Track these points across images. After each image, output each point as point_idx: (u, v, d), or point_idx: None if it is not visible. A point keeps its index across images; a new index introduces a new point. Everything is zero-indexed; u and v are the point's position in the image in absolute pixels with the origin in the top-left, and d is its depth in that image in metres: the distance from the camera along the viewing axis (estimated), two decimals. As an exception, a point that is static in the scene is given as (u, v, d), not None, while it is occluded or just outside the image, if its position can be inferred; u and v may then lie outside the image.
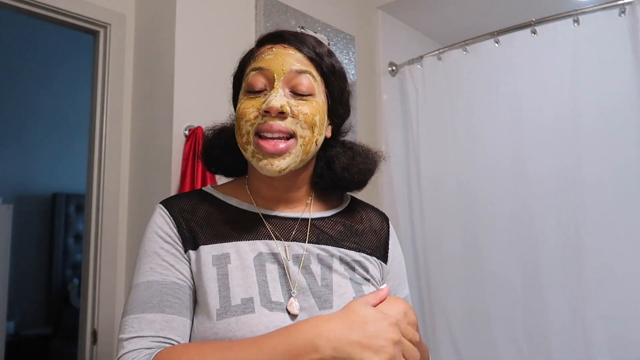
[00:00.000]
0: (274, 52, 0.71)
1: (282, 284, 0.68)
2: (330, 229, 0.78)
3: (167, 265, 0.68)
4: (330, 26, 2.08)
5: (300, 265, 0.71)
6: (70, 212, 3.92)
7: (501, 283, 1.83)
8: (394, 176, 2.19)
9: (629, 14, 1.59)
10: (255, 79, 0.70)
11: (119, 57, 1.68)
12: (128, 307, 0.66)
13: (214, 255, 0.69)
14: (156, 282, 0.67)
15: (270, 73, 0.69)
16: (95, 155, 1.65)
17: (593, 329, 1.59)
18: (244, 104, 0.71)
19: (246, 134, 0.69)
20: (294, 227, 0.75)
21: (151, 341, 0.62)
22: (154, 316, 0.64)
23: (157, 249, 0.69)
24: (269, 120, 0.67)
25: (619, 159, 1.60)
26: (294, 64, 0.70)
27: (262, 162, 0.68)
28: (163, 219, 0.72)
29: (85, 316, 1.59)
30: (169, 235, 0.70)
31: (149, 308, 0.65)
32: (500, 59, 1.90)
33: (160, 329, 0.63)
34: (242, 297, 0.65)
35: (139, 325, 0.63)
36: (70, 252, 3.91)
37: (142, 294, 0.66)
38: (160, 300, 0.65)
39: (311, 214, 0.78)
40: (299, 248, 0.73)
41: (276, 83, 0.69)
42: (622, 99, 1.61)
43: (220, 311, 0.64)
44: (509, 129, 1.86)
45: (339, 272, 0.73)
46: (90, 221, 1.63)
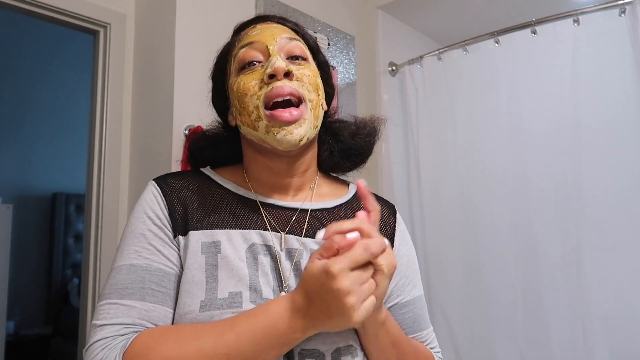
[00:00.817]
0: (259, 28, 0.70)
1: (274, 278, 0.64)
2: (331, 221, 0.71)
3: (153, 250, 0.63)
4: (330, 26, 2.08)
5: (292, 262, 0.66)
6: (70, 212, 3.92)
7: (501, 283, 1.83)
8: (394, 176, 2.19)
9: (629, 14, 1.59)
10: (247, 53, 0.68)
11: (119, 57, 1.68)
12: (106, 291, 0.61)
13: (203, 242, 0.64)
14: (140, 266, 0.62)
15: (262, 44, 0.67)
16: (95, 155, 1.65)
17: (593, 329, 1.59)
18: (242, 80, 0.66)
19: (255, 109, 0.65)
20: (292, 217, 0.70)
21: (126, 327, 0.58)
22: (133, 303, 0.60)
23: (145, 230, 0.64)
24: (275, 84, 0.64)
25: (619, 158, 1.60)
26: (283, 33, 0.69)
27: (281, 134, 0.63)
28: (154, 199, 0.67)
29: (85, 316, 1.59)
30: (159, 218, 0.65)
31: (128, 294, 0.60)
32: (500, 59, 1.90)
33: (138, 317, 0.59)
34: (230, 291, 0.61)
35: (115, 312, 0.59)
36: (70, 252, 3.91)
37: (123, 278, 0.61)
38: (142, 287, 0.61)
39: (312, 204, 0.73)
40: (294, 241, 0.67)
41: (271, 50, 0.66)
42: (622, 99, 1.61)
43: (205, 303, 0.60)
44: (508, 129, 1.86)
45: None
46: (90, 221, 1.63)
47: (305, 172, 0.73)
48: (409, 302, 0.74)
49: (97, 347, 0.57)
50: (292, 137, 0.63)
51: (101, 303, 0.61)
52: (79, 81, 3.84)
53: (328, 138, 0.77)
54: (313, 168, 0.75)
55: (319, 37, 2.00)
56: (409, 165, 2.20)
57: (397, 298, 0.73)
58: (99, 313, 0.60)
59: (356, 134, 0.77)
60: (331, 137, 0.77)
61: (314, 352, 0.61)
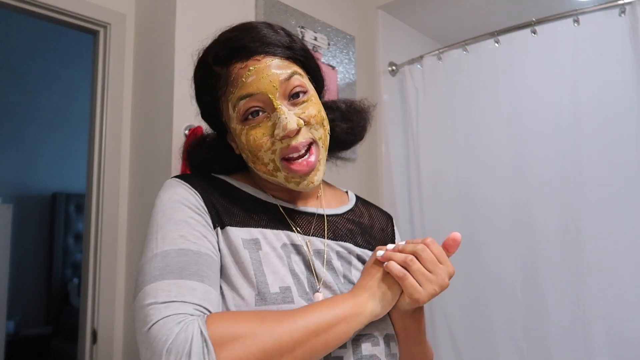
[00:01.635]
0: (254, 71, 0.66)
1: (307, 277, 0.68)
2: (343, 226, 0.78)
3: (199, 235, 0.63)
4: (330, 26, 2.08)
5: (323, 261, 0.71)
6: (70, 212, 3.92)
7: (501, 283, 1.83)
8: (394, 176, 2.19)
9: (629, 14, 1.59)
10: (249, 104, 0.66)
11: (119, 57, 1.68)
12: (156, 273, 0.58)
13: (243, 239, 0.66)
14: (191, 250, 0.61)
15: (264, 95, 0.65)
16: (95, 155, 1.65)
17: (593, 329, 1.59)
18: (251, 135, 0.67)
19: (270, 162, 0.67)
20: (312, 222, 0.74)
21: (194, 309, 0.56)
22: (193, 284, 0.58)
23: (187, 218, 0.64)
24: (290, 142, 0.66)
25: (619, 158, 1.60)
26: (278, 74, 0.66)
27: (303, 184, 0.68)
28: (187, 192, 0.67)
29: (85, 316, 1.59)
30: (197, 208, 0.65)
31: (187, 275, 0.58)
32: (500, 59, 1.90)
33: (202, 298, 0.57)
34: (280, 286, 0.63)
35: (178, 291, 0.56)
36: (70, 252, 3.91)
37: (174, 261, 0.59)
38: (197, 269, 0.59)
39: (325, 210, 0.78)
40: (319, 243, 0.72)
41: (275, 103, 0.65)
42: (622, 99, 1.61)
43: (259, 297, 0.61)
44: (509, 129, 1.86)
45: (357, 268, 0.73)
46: (90, 221, 1.63)
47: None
48: None
49: (170, 322, 0.54)
50: (314, 184, 0.68)
51: (155, 284, 0.57)
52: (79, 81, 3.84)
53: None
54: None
55: (319, 37, 2.00)
56: (409, 165, 2.20)
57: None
58: (157, 291, 0.56)
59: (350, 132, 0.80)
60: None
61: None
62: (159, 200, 0.67)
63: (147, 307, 0.55)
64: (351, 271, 0.73)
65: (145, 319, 0.55)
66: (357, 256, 0.75)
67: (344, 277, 0.71)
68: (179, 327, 0.53)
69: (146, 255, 0.62)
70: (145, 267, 0.60)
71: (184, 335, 0.52)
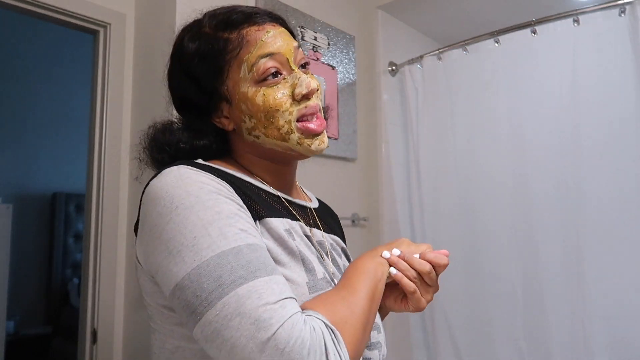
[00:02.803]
0: (273, 34, 0.67)
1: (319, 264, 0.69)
2: (325, 219, 0.82)
3: (253, 229, 0.58)
4: (330, 26, 2.08)
5: (326, 251, 0.74)
6: (70, 212, 3.91)
7: (501, 283, 1.83)
8: (394, 176, 2.19)
9: (629, 14, 1.59)
10: (268, 65, 0.66)
11: (119, 57, 1.68)
12: (242, 273, 0.50)
13: (284, 229, 0.65)
14: (258, 245, 0.55)
15: (282, 56, 0.67)
16: (95, 155, 1.65)
17: (593, 329, 1.59)
18: (270, 95, 0.65)
19: (286, 124, 0.66)
20: (307, 213, 0.76)
21: (297, 302, 0.54)
22: (280, 278, 0.54)
23: (236, 210, 0.57)
24: (308, 102, 0.68)
25: (619, 158, 1.60)
26: (291, 40, 0.69)
27: (315, 143, 0.68)
28: (217, 182, 0.59)
29: (85, 316, 1.59)
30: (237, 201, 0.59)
31: (271, 270, 0.53)
32: (500, 59, 1.90)
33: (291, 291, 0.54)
34: (322, 271, 0.67)
35: (278, 287, 0.51)
36: (70, 252, 3.91)
37: (252, 257, 0.53)
38: (271, 263, 0.55)
39: (308, 203, 0.80)
40: (319, 234, 0.75)
41: (292, 65, 0.68)
42: (622, 99, 1.61)
43: (311, 284, 0.63)
44: (508, 129, 1.86)
45: (344, 261, 0.78)
46: (90, 221, 1.63)
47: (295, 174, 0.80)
48: None
49: (297, 322, 0.49)
50: (324, 144, 0.70)
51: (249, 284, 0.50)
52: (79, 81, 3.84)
53: None
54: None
55: (319, 37, 2.00)
56: (409, 165, 2.20)
57: None
58: (256, 294, 0.49)
59: None
60: None
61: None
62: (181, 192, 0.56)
63: (258, 311, 0.48)
64: (342, 261, 0.77)
65: (260, 324, 0.47)
66: (342, 248, 0.80)
67: (343, 267, 0.75)
68: (308, 326, 0.50)
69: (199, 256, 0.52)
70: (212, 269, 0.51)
71: (316, 334, 0.50)
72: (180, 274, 0.52)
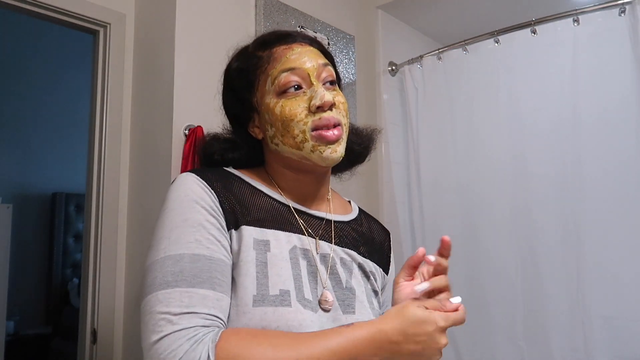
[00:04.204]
0: (297, 52, 0.73)
1: (311, 281, 0.69)
2: (349, 233, 0.80)
3: (213, 240, 0.64)
4: (330, 26, 2.08)
5: (327, 266, 0.72)
6: (70, 212, 3.91)
7: (501, 283, 1.83)
8: (394, 176, 2.19)
9: (629, 14, 1.59)
10: (289, 78, 0.71)
11: (119, 57, 1.68)
12: (169, 279, 0.59)
13: (255, 239, 0.67)
14: (204, 256, 0.62)
15: (303, 71, 0.71)
16: (95, 155, 1.65)
17: (593, 329, 1.59)
18: (287, 105, 0.71)
19: (300, 133, 0.70)
20: (321, 225, 0.77)
21: (205, 319, 0.58)
22: (205, 292, 0.59)
23: (202, 220, 0.64)
24: (323, 114, 0.70)
25: (618, 158, 1.60)
26: (318, 58, 0.73)
27: (327, 152, 0.70)
28: (202, 190, 0.67)
29: (85, 316, 1.59)
30: (213, 209, 0.66)
31: (199, 283, 0.59)
32: (500, 59, 1.90)
33: (212, 306, 0.59)
34: (280, 288, 0.64)
35: (189, 300, 0.58)
36: (70, 252, 3.91)
37: (188, 267, 0.60)
38: (210, 276, 0.60)
39: (333, 215, 0.80)
40: (326, 247, 0.74)
41: (313, 79, 0.71)
42: (622, 99, 1.61)
43: (257, 298, 0.62)
44: (508, 129, 1.86)
45: (357, 279, 0.75)
46: (90, 221, 1.63)
47: (325, 185, 0.81)
48: None
49: (181, 337, 0.55)
50: (336, 154, 0.71)
51: (167, 290, 0.58)
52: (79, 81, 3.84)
53: None
54: (328, 177, 0.83)
55: (319, 37, 2.00)
56: (409, 165, 2.20)
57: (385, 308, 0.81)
58: (167, 301, 0.57)
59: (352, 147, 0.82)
60: None
61: None
62: (174, 195, 0.67)
63: (159, 316, 0.56)
64: (352, 280, 0.74)
65: (155, 328, 0.56)
66: (358, 265, 0.77)
67: (346, 283, 0.72)
68: (189, 345, 0.54)
69: (157, 254, 0.62)
70: (157, 268, 0.60)
71: (192, 356, 0.53)
72: (146, 262, 0.64)
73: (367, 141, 0.86)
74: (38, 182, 3.80)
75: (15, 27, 3.59)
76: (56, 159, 3.89)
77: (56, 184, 3.87)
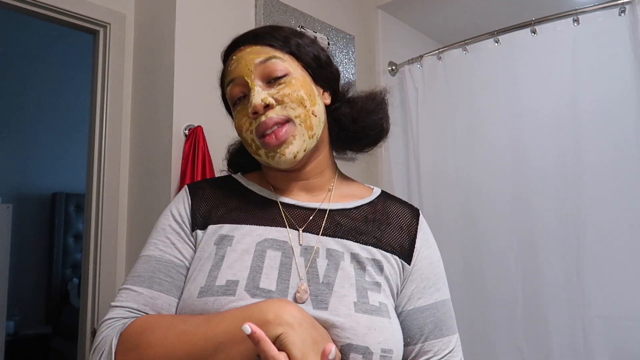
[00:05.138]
0: (235, 59, 0.73)
1: (281, 272, 0.66)
2: (349, 221, 0.73)
3: (168, 243, 0.70)
4: (330, 26, 2.08)
5: (308, 258, 0.68)
6: (70, 212, 3.91)
7: (501, 283, 1.83)
8: (394, 176, 2.19)
9: (629, 14, 1.59)
10: (233, 91, 0.72)
11: (119, 57, 1.68)
12: (126, 278, 0.70)
13: (219, 235, 0.70)
14: (154, 257, 0.70)
15: (241, 79, 0.71)
16: (95, 155, 1.65)
17: (593, 329, 1.59)
18: (236, 118, 0.73)
19: (252, 142, 0.71)
20: (310, 217, 0.73)
21: (130, 311, 0.65)
22: (141, 289, 0.67)
23: (165, 225, 0.72)
24: (260, 119, 0.69)
25: (618, 157, 1.60)
26: (256, 57, 0.71)
27: (276, 157, 0.69)
28: (182, 199, 0.75)
29: (85, 316, 1.59)
30: (180, 215, 0.73)
31: (139, 282, 0.68)
32: (500, 59, 1.90)
33: (143, 303, 0.66)
34: (228, 279, 0.64)
35: (125, 297, 0.67)
36: (70, 252, 3.90)
37: (139, 267, 0.69)
38: (151, 276, 0.68)
39: (331, 204, 0.75)
40: (312, 239, 0.70)
41: (250, 84, 0.70)
42: (622, 99, 1.61)
43: (204, 289, 0.64)
44: (508, 129, 1.86)
45: (345, 271, 0.67)
46: (90, 221, 1.63)
47: (322, 173, 0.78)
48: (430, 305, 0.73)
49: (104, 326, 0.64)
50: (285, 157, 0.69)
51: (120, 288, 0.68)
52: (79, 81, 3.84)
53: (334, 128, 0.79)
54: (330, 168, 0.80)
55: (319, 37, 2.00)
56: (409, 165, 2.20)
57: (418, 301, 0.72)
58: (116, 297, 0.68)
59: (357, 118, 0.77)
60: (336, 126, 0.79)
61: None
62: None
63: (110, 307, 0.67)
64: (336, 273, 0.67)
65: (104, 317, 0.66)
66: (350, 255, 0.69)
67: (324, 278, 0.66)
68: (108, 331, 0.63)
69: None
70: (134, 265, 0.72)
71: (103, 339, 0.63)
72: None
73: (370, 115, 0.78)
74: (38, 182, 3.80)
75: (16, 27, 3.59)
76: (56, 159, 3.89)
77: (56, 184, 3.87)
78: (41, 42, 3.75)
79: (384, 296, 0.67)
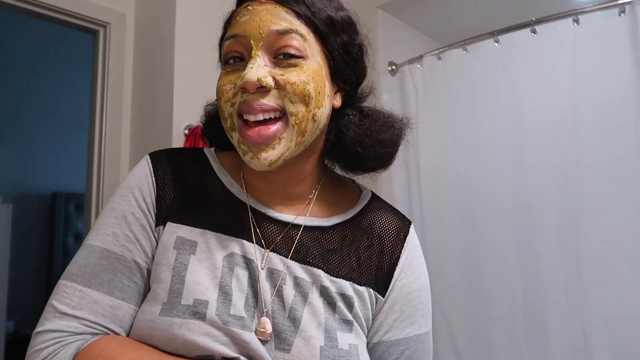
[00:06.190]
0: (248, 12, 0.57)
1: (248, 297, 0.57)
2: (324, 243, 0.62)
3: (132, 238, 0.57)
4: (330, 26, 2.07)
5: (275, 285, 0.58)
6: (70, 212, 3.91)
7: (501, 283, 1.83)
8: (394, 176, 2.19)
9: (629, 14, 1.59)
10: (231, 47, 0.58)
11: (118, 57, 1.68)
12: (73, 270, 0.56)
13: (179, 237, 0.58)
14: (115, 254, 0.56)
15: (245, 39, 0.56)
16: (95, 155, 1.65)
17: (593, 329, 1.59)
18: (221, 79, 0.58)
19: (229, 117, 0.57)
20: (280, 234, 0.61)
21: (85, 325, 0.53)
22: (100, 296, 0.54)
23: (127, 213, 0.58)
24: (248, 98, 0.55)
25: (618, 158, 1.60)
26: (274, 22, 0.55)
27: (248, 156, 0.56)
28: (145, 179, 0.61)
29: (85, 316, 1.59)
30: (145, 202, 0.59)
31: (97, 284, 0.55)
32: (500, 59, 1.90)
33: (101, 314, 0.54)
34: (196, 298, 0.54)
35: (79, 301, 0.54)
36: (70, 252, 3.90)
37: (94, 262, 0.56)
38: (112, 278, 0.55)
39: (307, 218, 0.63)
40: (278, 262, 0.59)
41: (253, 51, 0.55)
42: (622, 99, 1.61)
43: (166, 306, 0.54)
44: (508, 129, 1.86)
45: (313, 306, 0.58)
46: (90, 221, 1.63)
47: (303, 181, 0.65)
48: (399, 340, 0.62)
49: (50, 339, 0.52)
50: (260, 161, 0.56)
51: (66, 283, 0.55)
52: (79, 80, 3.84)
53: (331, 137, 0.64)
54: (314, 175, 0.66)
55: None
56: (408, 165, 2.20)
57: (386, 335, 0.62)
58: (61, 294, 0.54)
59: (361, 140, 0.64)
60: (335, 135, 0.64)
61: None
62: (126, 177, 0.62)
63: (48, 308, 0.54)
64: (304, 308, 0.58)
65: (41, 320, 0.54)
66: (320, 287, 0.59)
67: (290, 312, 0.57)
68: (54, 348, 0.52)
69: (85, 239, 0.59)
70: (76, 254, 0.58)
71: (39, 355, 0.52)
72: None
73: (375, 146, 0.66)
74: (38, 182, 3.80)
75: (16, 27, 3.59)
76: (56, 159, 3.89)
77: (56, 184, 3.87)
78: (41, 42, 3.75)
79: (354, 335, 0.59)
